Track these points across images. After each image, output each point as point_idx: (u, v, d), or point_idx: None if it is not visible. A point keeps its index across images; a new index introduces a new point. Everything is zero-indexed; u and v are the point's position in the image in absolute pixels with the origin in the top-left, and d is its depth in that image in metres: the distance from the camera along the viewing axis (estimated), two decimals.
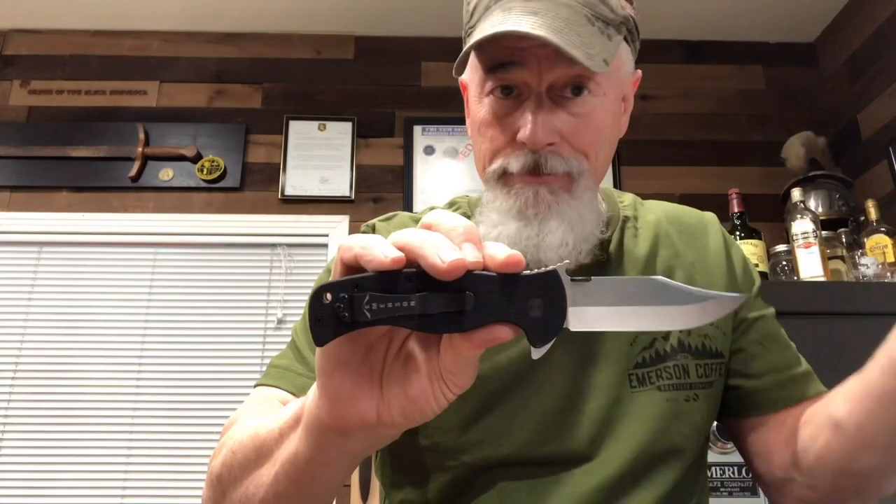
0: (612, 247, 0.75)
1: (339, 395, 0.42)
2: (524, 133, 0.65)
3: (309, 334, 0.73)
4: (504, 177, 0.69)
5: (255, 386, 0.72)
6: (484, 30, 0.64)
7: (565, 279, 0.39)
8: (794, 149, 2.30)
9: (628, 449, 0.67)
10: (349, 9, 2.45)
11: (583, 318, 0.39)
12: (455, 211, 0.81)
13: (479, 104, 0.70)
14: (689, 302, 0.41)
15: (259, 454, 0.52)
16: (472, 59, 0.71)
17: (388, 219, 0.82)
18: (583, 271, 0.69)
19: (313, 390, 0.45)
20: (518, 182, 0.68)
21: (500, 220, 0.68)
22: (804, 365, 0.77)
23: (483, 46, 0.65)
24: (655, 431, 0.67)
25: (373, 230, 0.80)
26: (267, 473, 0.51)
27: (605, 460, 0.66)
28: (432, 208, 0.83)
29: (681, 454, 0.69)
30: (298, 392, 0.68)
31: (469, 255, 0.37)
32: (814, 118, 2.47)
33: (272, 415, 0.54)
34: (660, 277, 0.41)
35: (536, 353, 0.39)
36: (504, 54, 0.65)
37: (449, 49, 2.55)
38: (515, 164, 0.67)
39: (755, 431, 0.74)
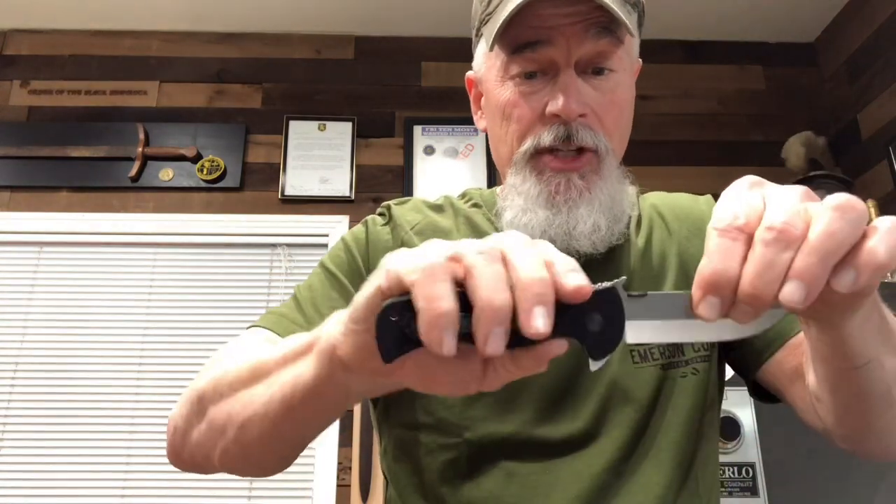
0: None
1: (362, 346, 0.40)
2: (556, 104, 0.65)
3: (311, 290, 0.73)
4: (535, 158, 0.69)
5: (248, 327, 0.71)
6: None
7: (623, 294, 0.39)
8: (794, 149, 2.30)
9: (627, 426, 0.66)
10: (349, 9, 2.45)
11: (639, 331, 0.40)
12: (467, 203, 0.81)
13: (501, 87, 0.70)
14: None
15: (254, 375, 0.53)
16: (485, 48, 0.71)
17: (403, 202, 0.82)
18: (602, 256, 0.69)
19: (340, 319, 0.43)
20: (551, 167, 0.68)
21: (527, 206, 0.68)
22: None
23: (506, 29, 0.65)
24: (653, 407, 0.67)
25: (388, 210, 0.80)
26: (261, 394, 0.51)
27: (608, 439, 0.66)
28: (446, 197, 0.83)
29: (682, 429, 0.68)
30: None
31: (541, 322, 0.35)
32: (814, 118, 2.47)
33: (275, 345, 0.53)
34: None
35: (595, 366, 0.39)
36: (530, 34, 0.66)
37: (449, 49, 2.55)
38: (547, 136, 0.67)
39: (776, 370, 0.70)
